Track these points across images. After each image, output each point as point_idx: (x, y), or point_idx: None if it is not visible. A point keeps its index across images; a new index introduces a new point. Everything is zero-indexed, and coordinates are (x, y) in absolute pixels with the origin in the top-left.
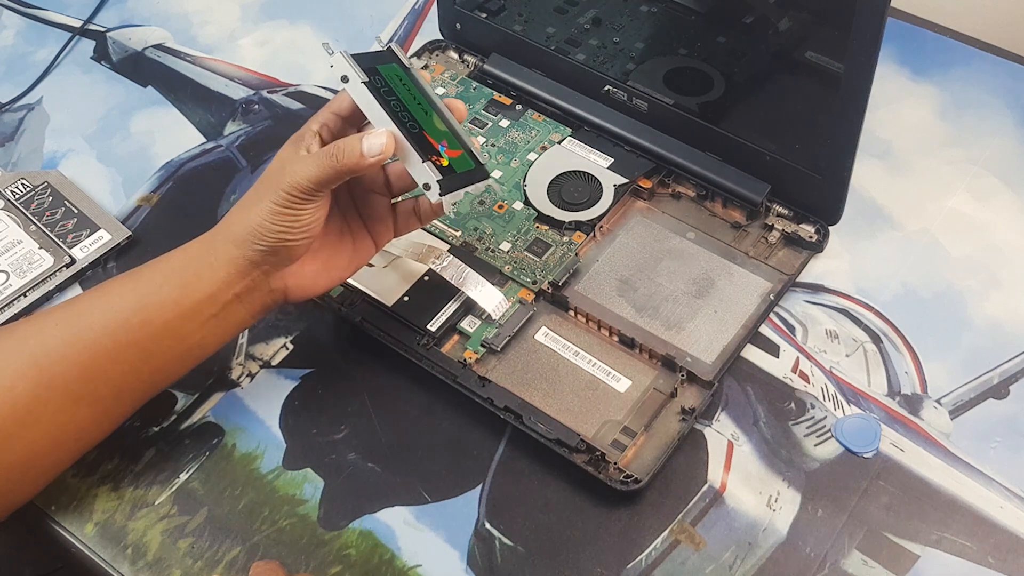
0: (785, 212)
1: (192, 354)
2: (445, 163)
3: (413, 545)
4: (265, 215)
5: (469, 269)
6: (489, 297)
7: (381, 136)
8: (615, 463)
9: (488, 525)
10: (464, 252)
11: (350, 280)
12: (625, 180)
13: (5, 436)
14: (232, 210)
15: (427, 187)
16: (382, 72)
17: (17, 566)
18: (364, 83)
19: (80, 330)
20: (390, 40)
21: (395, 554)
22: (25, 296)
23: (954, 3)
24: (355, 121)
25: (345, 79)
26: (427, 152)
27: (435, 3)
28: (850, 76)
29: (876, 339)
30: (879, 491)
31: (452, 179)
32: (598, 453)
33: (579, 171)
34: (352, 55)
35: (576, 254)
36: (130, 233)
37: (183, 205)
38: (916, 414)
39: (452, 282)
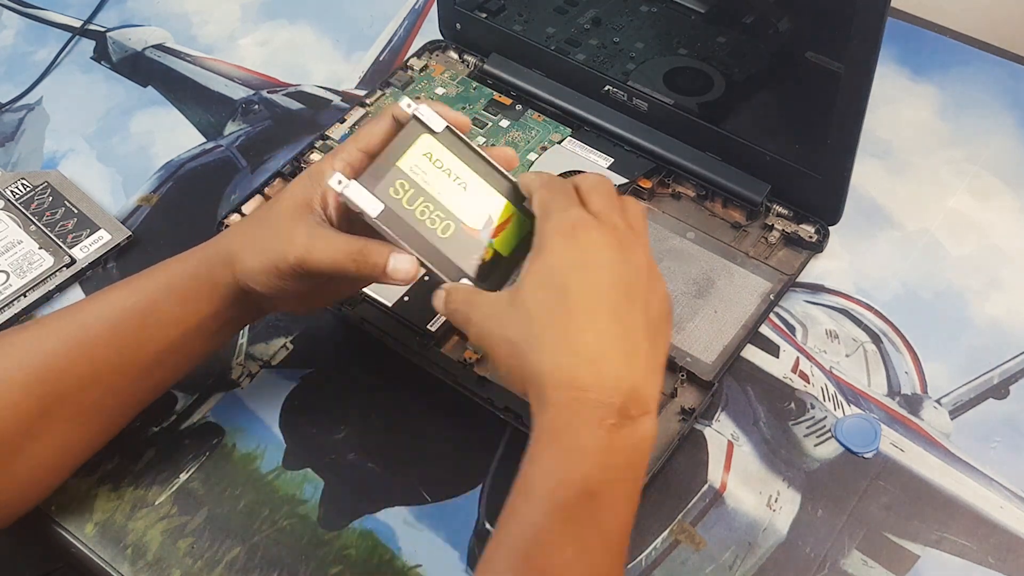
0: (785, 212)
1: (192, 363)
2: (489, 254)
3: (413, 545)
4: (262, 273)
5: None
6: None
7: (409, 263)
8: None
9: (488, 525)
10: None
11: None
12: (625, 180)
13: (12, 449)
14: (235, 235)
15: None
16: (403, 167)
17: (17, 566)
18: (380, 215)
19: (85, 345)
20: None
21: (395, 554)
22: (25, 296)
23: (954, 3)
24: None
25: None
26: (466, 254)
27: (435, 3)
28: (850, 76)
29: (876, 339)
30: (879, 491)
31: (496, 277)
32: None
33: (579, 171)
34: (365, 175)
35: None
36: (130, 233)
37: (183, 205)
38: (916, 414)
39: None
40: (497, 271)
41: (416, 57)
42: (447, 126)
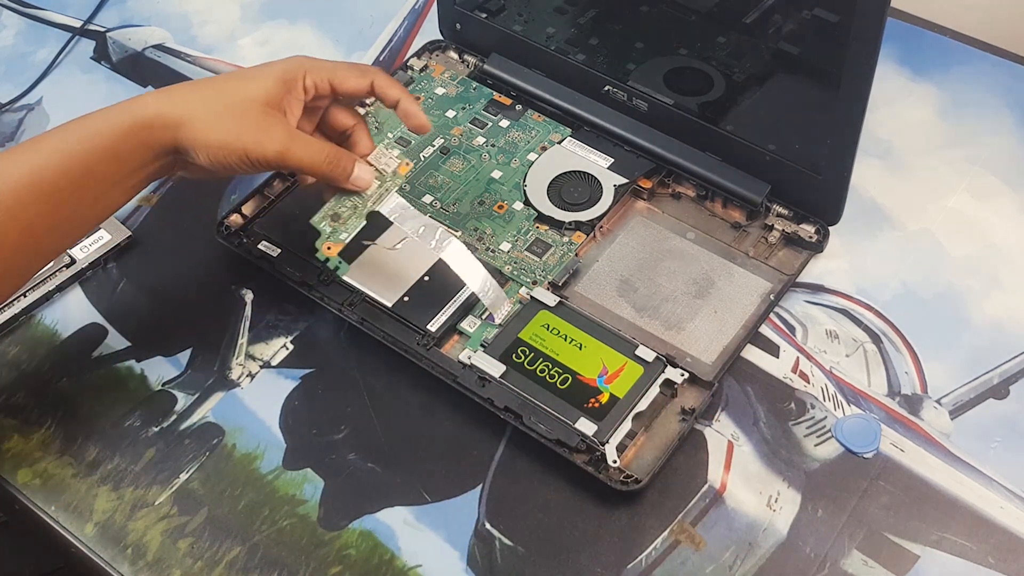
0: (785, 212)
1: (110, 214)
2: (606, 398)
3: (413, 545)
4: (222, 151)
5: (428, 218)
6: (474, 274)
7: (368, 174)
8: (615, 463)
9: (488, 525)
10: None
11: (350, 280)
12: (625, 180)
13: None
14: (186, 104)
15: None
16: (523, 337)
17: (17, 566)
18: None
19: (19, 215)
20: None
21: (395, 554)
22: (25, 296)
23: (954, 3)
24: (347, 100)
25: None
26: (581, 400)
27: (435, 3)
28: (850, 76)
29: (876, 339)
30: (879, 491)
31: (609, 420)
32: (598, 453)
33: (579, 171)
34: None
35: (576, 254)
36: (130, 233)
37: (183, 205)
38: (916, 414)
39: (394, 221)
40: (606, 419)
41: (416, 57)
42: (559, 301)
